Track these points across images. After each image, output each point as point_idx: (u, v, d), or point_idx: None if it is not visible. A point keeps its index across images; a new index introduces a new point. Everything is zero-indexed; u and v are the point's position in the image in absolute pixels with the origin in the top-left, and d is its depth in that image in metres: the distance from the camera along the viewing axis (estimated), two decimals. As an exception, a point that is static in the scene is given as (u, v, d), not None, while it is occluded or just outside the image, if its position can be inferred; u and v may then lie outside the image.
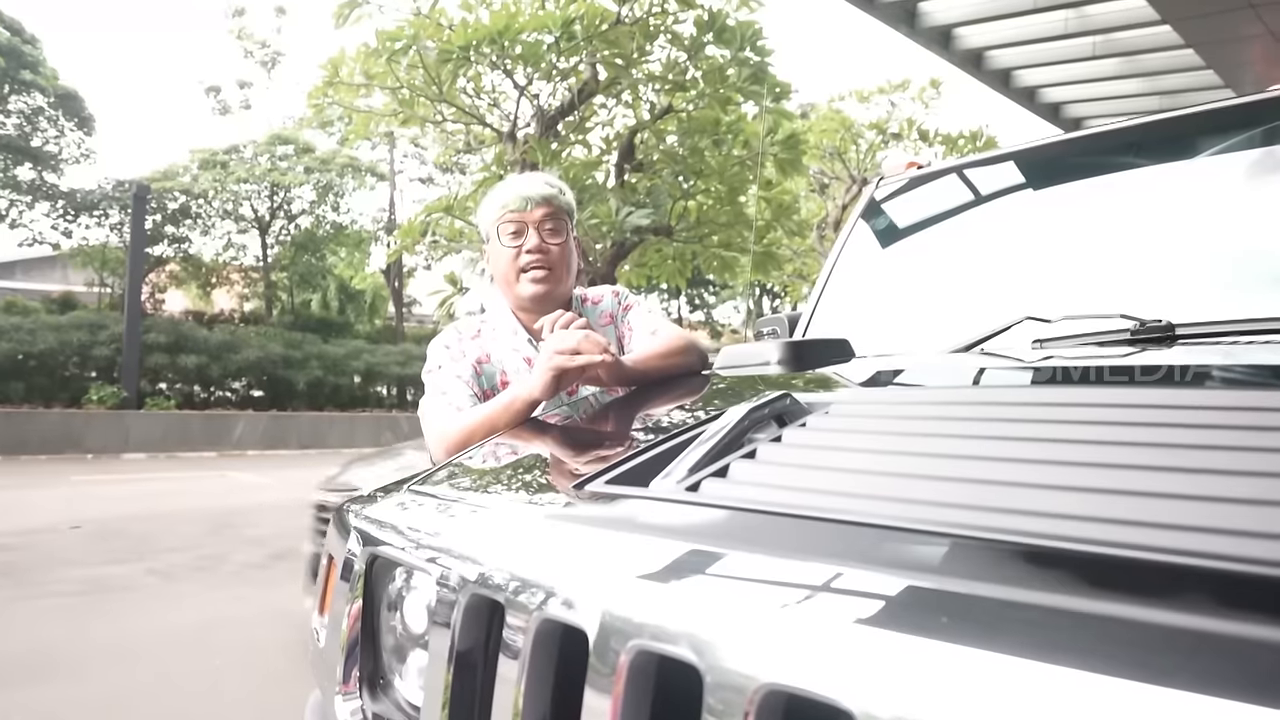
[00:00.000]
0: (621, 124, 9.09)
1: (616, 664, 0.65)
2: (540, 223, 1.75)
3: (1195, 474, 0.70)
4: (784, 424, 1.04)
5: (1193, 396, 1.05)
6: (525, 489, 1.17)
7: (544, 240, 1.75)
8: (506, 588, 0.81)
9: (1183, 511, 0.64)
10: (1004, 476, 0.76)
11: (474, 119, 8.59)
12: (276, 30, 22.18)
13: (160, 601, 4.46)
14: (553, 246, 1.76)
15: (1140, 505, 0.66)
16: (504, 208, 1.76)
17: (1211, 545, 0.58)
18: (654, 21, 7.96)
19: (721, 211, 8.99)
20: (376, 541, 1.08)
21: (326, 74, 7.97)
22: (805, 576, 0.66)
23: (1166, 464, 0.73)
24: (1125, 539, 0.61)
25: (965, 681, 0.51)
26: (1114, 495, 0.69)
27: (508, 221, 1.76)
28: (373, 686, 1.07)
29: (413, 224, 9.01)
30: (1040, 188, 1.99)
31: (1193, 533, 0.61)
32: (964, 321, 1.67)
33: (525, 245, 1.74)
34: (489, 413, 1.58)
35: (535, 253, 1.74)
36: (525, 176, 1.86)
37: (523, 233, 1.75)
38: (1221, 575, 0.56)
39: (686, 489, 0.87)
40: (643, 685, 0.65)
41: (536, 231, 1.75)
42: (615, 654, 0.66)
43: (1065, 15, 10.43)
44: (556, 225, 1.77)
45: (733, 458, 0.92)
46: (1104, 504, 0.67)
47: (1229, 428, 0.79)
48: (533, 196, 1.76)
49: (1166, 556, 0.58)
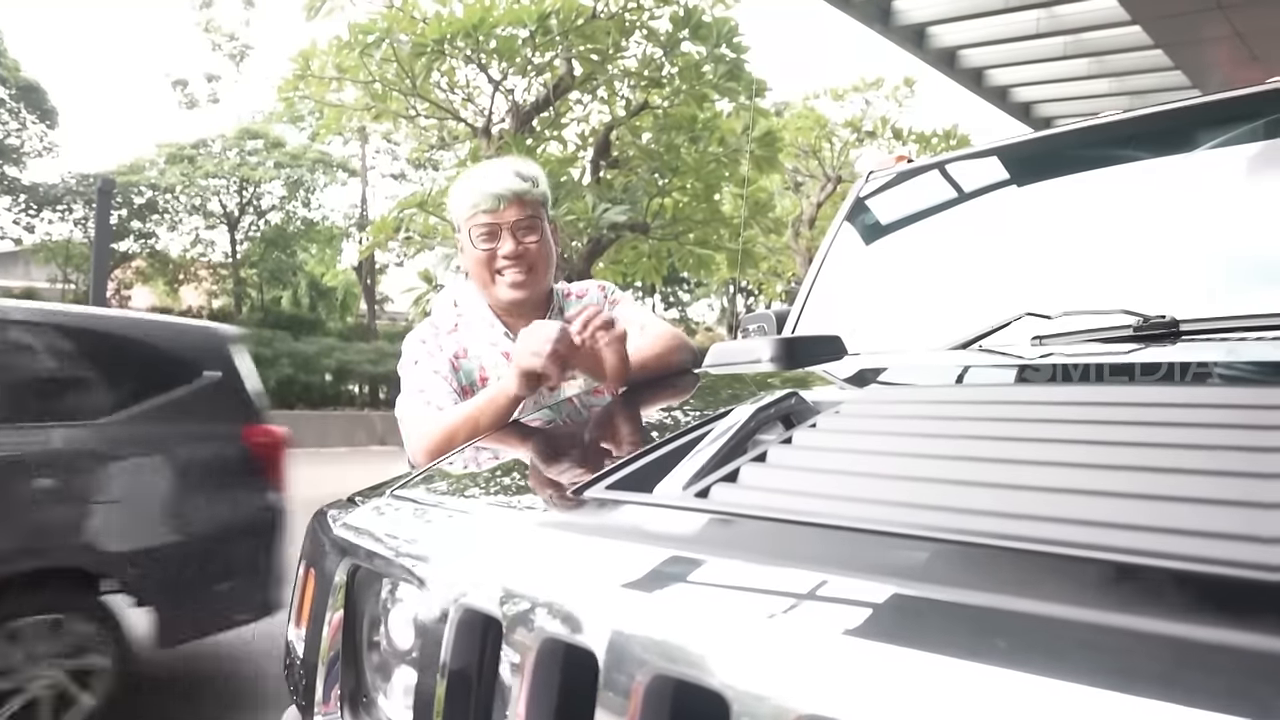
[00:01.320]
0: (597, 120, 9.03)
1: (630, 690, 0.60)
2: (515, 224, 1.64)
3: (1211, 476, 0.67)
4: (791, 425, 0.99)
5: (1204, 394, 1.02)
6: (520, 494, 1.11)
7: (519, 242, 1.65)
8: (504, 603, 0.75)
9: (1201, 516, 0.61)
10: (1033, 481, 0.72)
11: (448, 114, 8.49)
12: (245, 23, 21.83)
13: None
14: (529, 246, 1.66)
15: (1161, 510, 0.63)
16: (474, 207, 1.65)
17: (1232, 552, 0.55)
18: (630, 17, 7.91)
19: (697, 209, 8.96)
20: (358, 551, 1.02)
21: (297, 67, 7.83)
22: (835, 592, 0.60)
23: (1186, 466, 0.71)
24: (1149, 546, 0.58)
25: (1006, 704, 0.47)
26: (1135, 500, 0.66)
27: (479, 225, 1.65)
28: (354, 705, 1.01)
29: (385, 220, 8.89)
30: (1034, 181, 1.96)
31: (1215, 539, 0.58)
32: (957, 317, 1.63)
33: (500, 250, 1.64)
34: (470, 411, 1.52)
35: (511, 258, 1.64)
36: (494, 167, 1.73)
37: (496, 235, 1.64)
38: (1243, 584, 0.53)
39: (695, 495, 0.81)
40: (661, 714, 0.59)
41: (511, 234, 1.64)
42: (629, 679, 0.60)
43: (1037, 15, 10.51)
44: (532, 222, 1.66)
45: (742, 461, 0.87)
46: (1126, 509, 0.65)
47: (1241, 427, 0.76)
48: (504, 194, 1.64)
49: (1192, 565, 0.55)
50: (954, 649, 0.51)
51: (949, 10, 10.66)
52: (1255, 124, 1.56)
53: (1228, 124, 1.60)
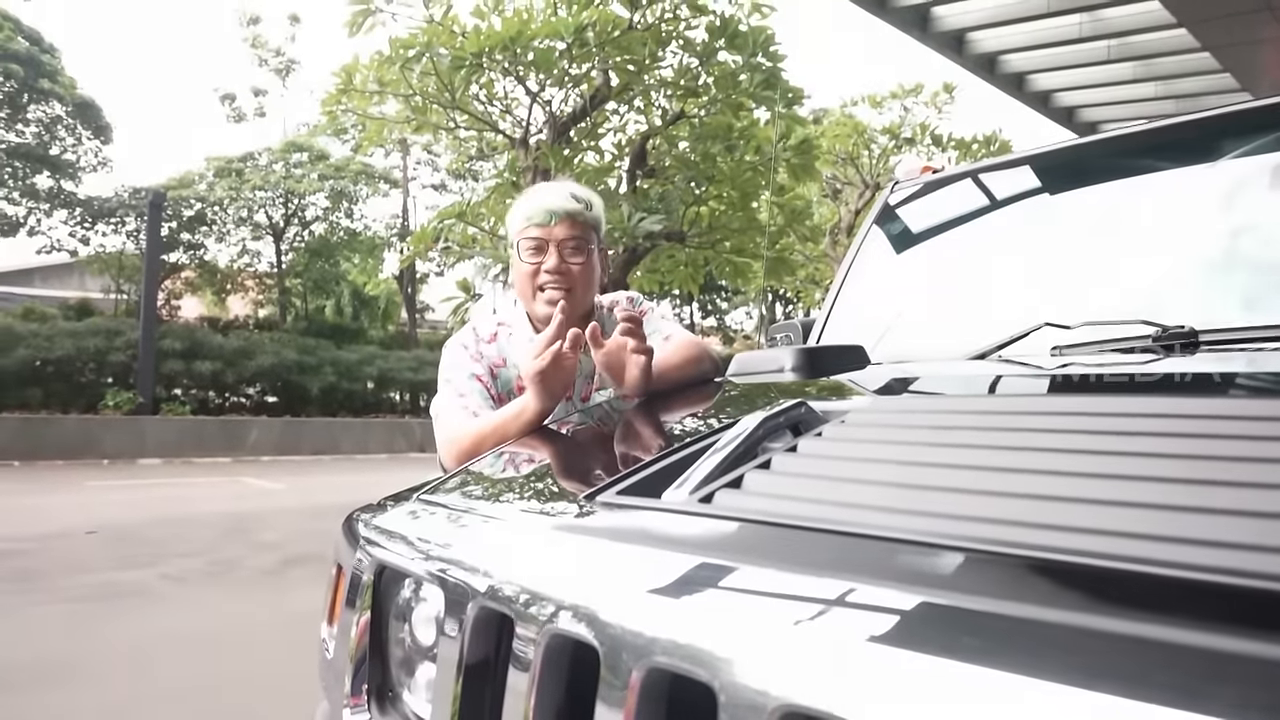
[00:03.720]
0: (633, 130, 9.07)
1: (628, 682, 0.64)
2: (562, 242, 1.70)
3: (1229, 487, 0.67)
4: (799, 433, 1.02)
5: (1222, 405, 1.01)
6: (535, 499, 1.15)
7: (564, 260, 1.69)
8: (516, 601, 0.79)
9: (1219, 527, 0.61)
10: (1029, 489, 0.74)
11: (486, 125, 8.61)
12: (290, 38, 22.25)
13: (173, 606, 4.47)
14: (573, 266, 1.70)
15: (1176, 520, 0.64)
16: (527, 220, 1.71)
17: (1249, 563, 0.56)
18: (666, 28, 7.95)
19: (734, 217, 8.95)
20: (385, 551, 1.06)
21: (340, 81, 8.00)
22: (822, 592, 0.64)
23: (1199, 477, 0.71)
24: (1161, 556, 0.59)
25: (993, 706, 0.49)
26: (1148, 509, 0.66)
27: (528, 237, 1.71)
28: (381, 699, 1.05)
29: (425, 230, 9.01)
30: (1057, 192, 1.96)
31: (1231, 550, 0.58)
32: (980, 328, 1.64)
33: (545, 265, 1.70)
34: (499, 421, 1.57)
35: (554, 273, 1.69)
36: (553, 187, 1.80)
37: (543, 249, 1.70)
38: (1258, 594, 0.53)
39: (699, 500, 0.85)
40: (655, 704, 0.63)
41: (557, 251, 1.69)
42: (627, 671, 0.64)
43: (1079, 19, 10.37)
44: (579, 243, 1.71)
45: (747, 468, 0.90)
46: (1135, 519, 0.65)
47: (1260, 439, 0.77)
48: (557, 211, 1.70)
49: (1208, 575, 0.56)
50: (952, 653, 0.52)
51: (989, 16, 10.56)
52: (1272, 135, 1.55)
53: (1248, 134, 1.59)
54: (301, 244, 19.82)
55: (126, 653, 3.65)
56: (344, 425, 15.85)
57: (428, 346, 18.77)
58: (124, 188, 17.25)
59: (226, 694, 3.19)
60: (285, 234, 19.35)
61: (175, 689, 3.23)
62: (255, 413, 15.33)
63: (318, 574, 3.63)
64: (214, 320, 18.02)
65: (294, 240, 19.72)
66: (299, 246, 19.82)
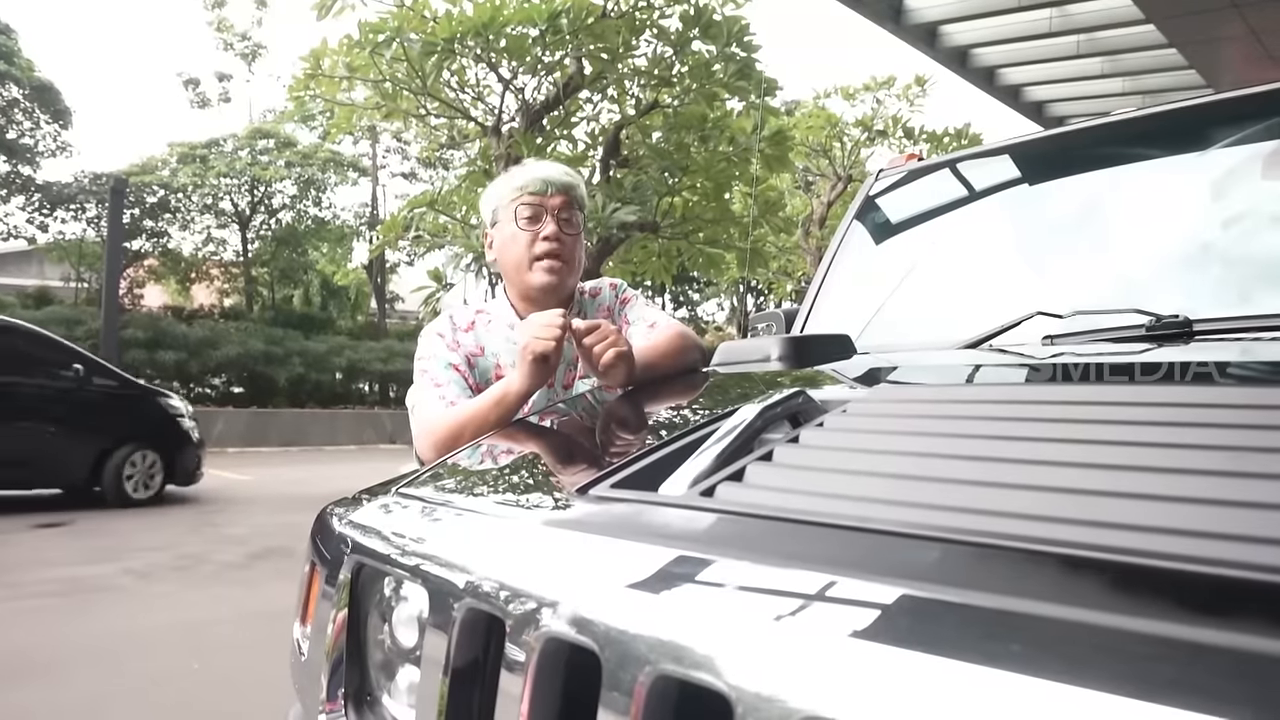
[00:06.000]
0: (607, 119, 9.00)
1: (633, 690, 0.59)
2: (558, 210, 1.67)
3: (1223, 477, 0.66)
4: (798, 423, 0.98)
5: (1216, 395, 1.00)
6: (524, 493, 1.10)
7: (561, 229, 1.66)
8: (507, 602, 0.75)
9: (1216, 518, 0.60)
10: (1036, 480, 0.71)
11: (458, 113, 8.49)
12: (256, 22, 21.87)
13: (137, 602, 4.37)
14: (568, 237, 1.68)
15: (1172, 511, 0.62)
16: (521, 189, 1.67)
17: (1246, 554, 0.54)
18: (640, 16, 7.88)
19: (708, 208, 8.92)
20: (363, 548, 1.01)
21: (308, 66, 7.83)
22: (839, 592, 0.60)
23: (1196, 467, 0.69)
24: (1158, 548, 0.57)
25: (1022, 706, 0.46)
26: (1145, 500, 0.65)
27: (525, 204, 1.66)
28: (359, 703, 1.00)
29: (395, 219, 8.89)
30: (1045, 180, 1.94)
31: (1230, 541, 0.56)
32: (967, 317, 1.62)
33: (542, 232, 1.65)
34: (478, 407, 1.52)
35: (552, 240, 1.65)
36: (544, 163, 1.77)
37: (540, 218, 1.66)
38: (1250, 586, 0.52)
39: (700, 494, 0.81)
40: (663, 713, 0.59)
41: (554, 219, 1.66)
42: (631, 679, 0.59)
43: (1049, 14, 10.45)
44: (572, 216, 1.69)
45: (748, 460, 0.86)
46: (1136, 510, 0.63)
47: (1254, 427, 0.75)
48: (554, 181, 1.67)
49: (1204, 567, 0.54)
50: (960, 651, 0.49)
51: (961, 9, 10.62)
52: (1270, 122, 1.54)
53: (1242, 122, 1.58)
54: (268, 232, 19.51)
55: (88, 648, 3.55)
56: (312, 416, 15.66)
57: (397, 337, 18.58)
58: (84, 173, 16.89)
59: (188, 691, 3.11)
60: (251, 222, 19.04)
61: (137, 685, 3.14)
62: (221, 404, 15.09)
63: (288, 568, 3.55)
64: (178, 309, 17.70)
65: (260, 228, 19.42)
66: (265, 235, 19.52)
